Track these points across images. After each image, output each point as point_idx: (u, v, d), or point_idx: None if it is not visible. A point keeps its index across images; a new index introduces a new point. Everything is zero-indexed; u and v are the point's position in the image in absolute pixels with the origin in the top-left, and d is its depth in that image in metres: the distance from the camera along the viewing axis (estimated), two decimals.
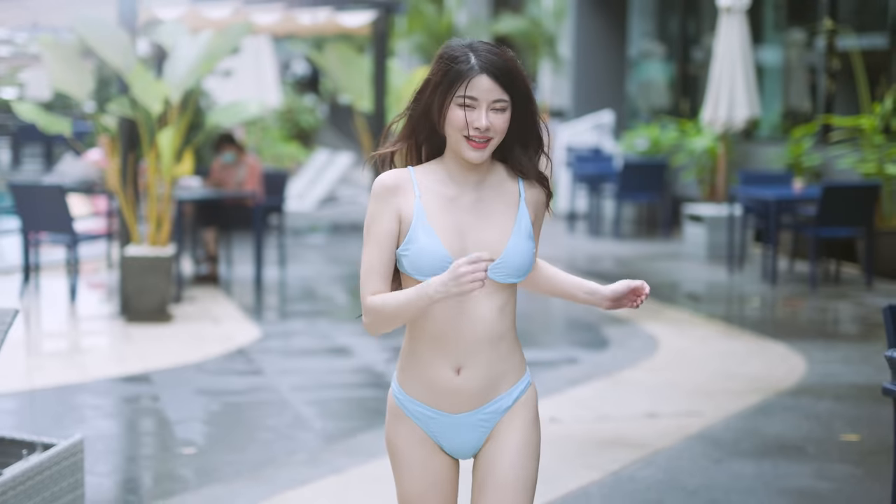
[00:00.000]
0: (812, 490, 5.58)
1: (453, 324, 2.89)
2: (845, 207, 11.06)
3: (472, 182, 2.93)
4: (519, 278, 2.93)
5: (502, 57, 2.85)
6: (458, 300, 2.87)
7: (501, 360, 2.95)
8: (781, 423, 6.69)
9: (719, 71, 13.23)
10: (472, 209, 2.92)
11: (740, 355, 8.50)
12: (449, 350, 2.91)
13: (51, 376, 7.61)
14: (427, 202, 2.89)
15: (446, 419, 2.96)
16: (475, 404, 2.95)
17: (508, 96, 2.83)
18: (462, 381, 2.92)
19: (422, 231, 2.86)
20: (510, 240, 2.91)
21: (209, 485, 5.62)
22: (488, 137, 2.84)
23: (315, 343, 8.91)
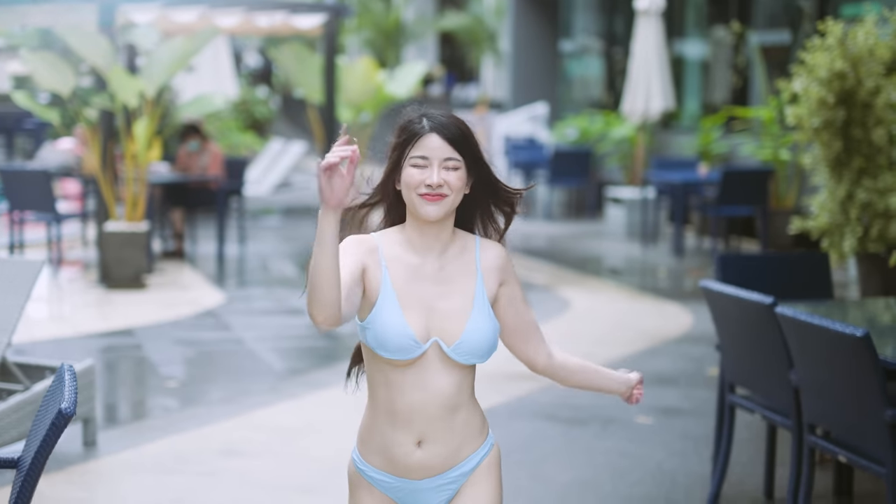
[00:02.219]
0: (675, 408, 7.00)
1: (411, 399, 2.89)
2: (743, 189, 12.50)
3: (436, 250, 2.93)
4: (481, 359, 2.92)
5: (453, 120, 2.89)
6: (417, 377, 2.88)
7: (461, 428, 2.95)
8: (662, 362, 8.12)
9: (637, 67, 14.67)
10: (435, 279, 2.92)
11: (639, 313, 9.93)
12: (408, 425, 2.91)
13: (45, 331, 8.87)
14: (393, 273, 2.89)
15: (409, 486, 2.96)
16: (437, 472, 2.96)
17: (460, 155, 2.86)
18: (423, 455, 2.93)
19: (388, 304, 2.86)
20: (468, 322, 2.90)
21: (190, 407, 6.98)
22: (442, 194, 2.85)
23: (273, 305, 10.26)
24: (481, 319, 2.91)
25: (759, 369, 5.11)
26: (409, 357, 2.86)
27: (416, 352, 2.86)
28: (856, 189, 9.69)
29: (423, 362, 2.89)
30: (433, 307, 2.89)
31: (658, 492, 5.59)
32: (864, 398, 4.30)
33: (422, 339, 2.87)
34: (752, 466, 5.91)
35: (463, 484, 2.99)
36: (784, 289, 5.81)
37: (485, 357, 2.91)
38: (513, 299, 3.00)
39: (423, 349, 2.87)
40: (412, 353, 2.86)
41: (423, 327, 2.88)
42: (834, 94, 9.66)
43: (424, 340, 2.88)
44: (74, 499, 5.33)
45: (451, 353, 2.88)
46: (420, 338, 2.87)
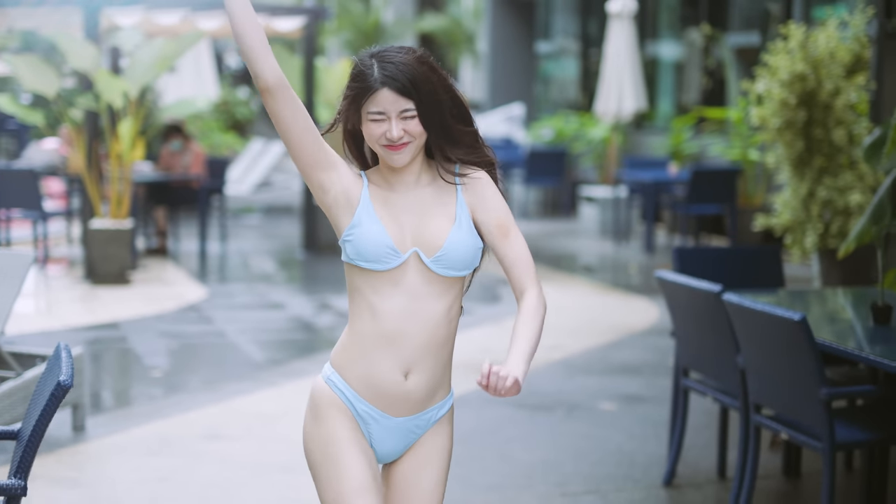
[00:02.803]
0: (638, 395, 7.34)
1: (404, 325, 2.89)
2: (712, 188, 12.86)
3: (409, 183, 2.96)
4: (462, 271, 2.92)
5: (406, 63, 2.86)
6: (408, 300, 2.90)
7: (442, 367, 2.97)
8: (627, 353, 8.46)
9: (609, 69, 15.01)
10: (411, 208, 2.95)
11: (608, 307, 10.27)
12: (399, 353, 2.91)
13: (33, 324, 9.15)
14: (373, 195, 2.94)
15: (388, 422, 2.96)
16: (416, 409, 2.96)
17: (414, 103, 2.86)
18: (409, 386, 2.92)
19: (367, 217, 2.90)
20: (450, 232, 2.92)
21: (174, 394, 7.29)
22: (405, 142, 2.88)
23: (254, 300, 10.56)
24: (462, 231, 2.92)
25: (708, 354, 5.45)
26: (388, 266, 2.89)
27: (394, 260, 2.89)
28: (817, 187, 10.06)
29: (406, 283, 2.90)
30: (413, 224, 2.92)
31: (617, 471, 5.92)
32: (801, 378, 4.63)
33: (401, 248, 2.90)
34: (708, 449, 6.24)
35: (427, 431, 3.00)
36: (738, 280, 6.16)
37: (465, 270, 2.92)
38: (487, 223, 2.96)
39: (401, 259, 2.89)
40: (390, 261, 2.88)
41: (402, 239, 2.91)
42: (795, 95, 10.04)
43: (404, 251, 2.90)
44: (64, 477, 5.63)
45: (432, 264, 2.89)
46: (399, 247, 2.90)
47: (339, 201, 2.93)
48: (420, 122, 2.87)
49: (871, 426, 4.89)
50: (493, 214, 2.95)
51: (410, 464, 3.02)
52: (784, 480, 5.84)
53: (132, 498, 5.40)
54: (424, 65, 2.88)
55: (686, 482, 5.79)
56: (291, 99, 2.86)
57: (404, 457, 3.02)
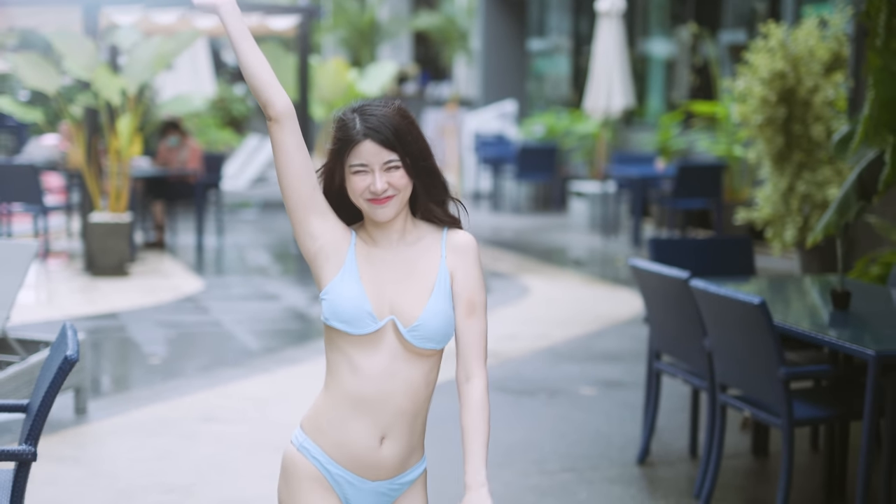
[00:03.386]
0: (618, 381, 7.64)
1: (387, 384, 2.83)
2: (697, 183, 13.15)
3: (393, 240, 2.90)
4: (438, 344, 2.85)
5: (387, 116, 2.83)
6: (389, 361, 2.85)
7: (418, 434, 2.92)
8: (609, 342, 8.76)
9: (598, 66, 15.30)
10: (393, 268, 2.88)
11: (594, 298, 10.57)
12: (377, 417, 2.85)
13: (34, 314, 9.43)
14: (359, 254, 2.89)
15: (363, 485, 2.90)
16: (389, 475, 2.90)
17: (397, 155, 2.82)
18: (384, 453, 2.87)
19: (349, 277, 2.85)
20: (427, 303, 2.84)
21: (172, 380, 7.58)
22: (389, 195, 2.82)
23: (249, 292, 10.86)
24: (440, 302, 2.85)
25: (678, 337, 5.74)
26: (363, 332, 2.82)
27: (370, 326, 2.82)
28: (796, 182, 10.36)
29: (386, 347, 2.84)
30: (393, 291, 2.85)
31: (594, 451, 6.21)
32: (762, 358, 4.93)
33: (378, 315, 2.84)
34: (681, 431, 6.54)
35: (401, 495, 2.94)
36: (710, 269, 6.46)
37: (441, 343, 2.85)
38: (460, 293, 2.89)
39: (378, 325, 2.82)
40: (367, 327, 2.82)
41: (381, 305, 2.84)
42: (776, 92, 10.34)
43: (381, 317, 2.84)
44: (67, 456, 5.92)
45: (408, 334, 2.82)
46: (377, 313, 2.83)
47: (325, 251, 2.87)
48: (405, 174, 2.83)
49: (828, 404, 5.18)
50: (468, 287, 2.88)
51: None
52: (752, 459, 6.13)
53: (132, 474, 5.69)
54: (404, 118, 2.85)
55: (659, 460, 6.09)
56: (297, 131, 2.85)
57: None
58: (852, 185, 6.72)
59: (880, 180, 6.43)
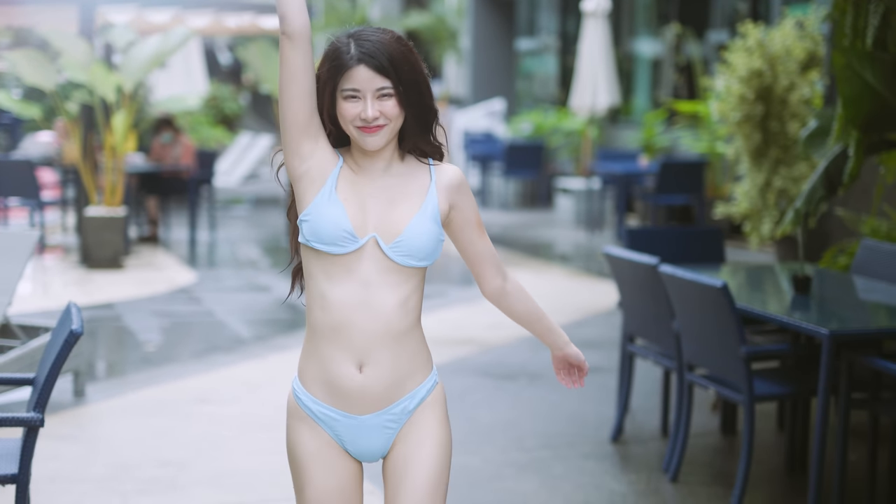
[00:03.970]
0: (597, 366, 7.93)
1: (353, 315, 2.79)
2: (679, 179, 13.46)
3: (379, 169, 2.86)
4: (419, 262, 2.81)
5: (384, 42, 2.77)
6: (360, 289, 2.80)
7: (407, 358, 2.85)
8: (589, 330, 9.06)
9: (584, 65, 15.61)
10: (379, 194, 2.84)
11: (576, 290, 10.87)
12: (350, 345, 2.80)
13: (31, 304, 9.70)
14: (342, 176, 2.84)
15: (351, 421, 2.85)
16: (380, 405, 2.84)
17: (391, 82, 2.76)
18: (365, 380, 2.82)
19: (328, 198, 2.80)
20: (412, 219, 2.81)
21: (167, 365, 7.88)
22: (379, 125, 2.78)
23: (241, 284, 11.15)
24: (425, 220, 2.83)
25: (649, 320, 6.04)
26: (343, 251, 2.79)
27: (350, 245, 2.79)
28: (773, 177, 10.68)
29: (361, 271, 2.80)
30: (376, 212, 2.83)
31: (570, 430, 6.51)
32: (725, 338, 5.23)
33: (359, 233, 2.80)
34: (655, 412, 6.84)
35: (406, 422, 2.88)
36: (682, 257, 6.75)
37: (424, 260, 2.81)
38: (465, 224, 2.95)
39: (358, 244, 2.79)
40: (346, 245, 2.79)
41: (363, 224, 2.81)
42: (753, 90, 10.66)
43: (362, 236, 2.80)
44: (67, 434, 6.21)
45: (389, 250, 2.79)
46: (357, 231, 2.80)
47: (310, 174, 2.83)
48: (398, 104, 2.79)
49: (788, 382, 5.49)
50: (473, 213, 2.94)
51: (397, 458, 2.90)
52: (721, 437, 6.44)
53: (129, 450, 5.98)
54: (402, 45, 2.79)
55: (632, 438, 6.39)
56: (308, 53, 2.79)
57: (392, 450, 2.91)
58: (819, 179, 7.03)
59: (845, 173, 6.74)
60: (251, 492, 5.41)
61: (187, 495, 5.36)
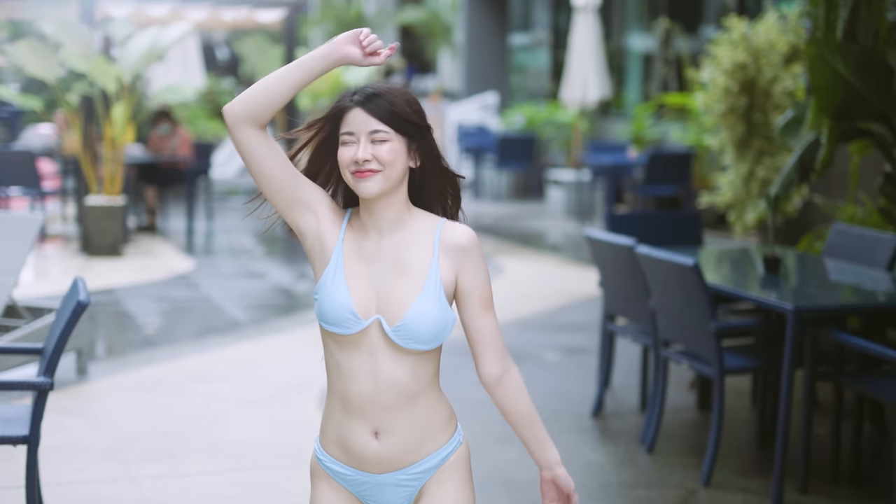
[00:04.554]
0: (581, 348, 8.22)
1: (365, 386, 2.73)
2: (667, 171, 13.74)
3: (385, 229, 2.76)
4: (424, 345, 2.70)
5: (387, 93, 2.72)
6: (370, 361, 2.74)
7: (423, 422, 2.78)
8: (575, 314, 9.34)
9: (574, 59, 15.90)
10: (385, 259, 2.75)
11: (564, 277, 11.16)
12: (363, 414, 2.75)
13: (33, 290, 9.98)
14: (346, 247, 2.77)
15: (369, 479, 2.80)
16: (398, 466, 2.79)
17: (388, 127, 2.70)
18: (381, 447, 2.77)
19: (333, 279, 2.73)
20: (413, 303, 2.70)
21: (166, 346, 8.16)
22: (372, 169, 2.70)
23: (238, 271, 11.44)
24: (428, 303, 2.70)
25: (627, 299, 6.32)
26: (349, 332, 2.73)
27: (354, 327, 2.72)
28: (756, 167, 10.95)
29: (370, 345, 2.74)
30: (381, 287, 2.73)
31: (553, 406, 6.80)
32: (696, 314, 5.51)
33: (363, 315, 2.73)
34: (635, 389, 7.12)
35: (427, 482, 2.82)
36: (661, 240, 7.02)
37: (429, 344, 2.71)
38: (468, 295, 2.78)
39: (362, 325, 2.72)
40: (351, 327, 2.72)
41: (367, 304, 2.73)
42: (737, 82, 10.94)
43: (366, 317, 2.73)
44: (71, 409, 6.49)
45: (392, 334, 2.70)
46: (361, 313, 2.72)
47: (314, 249, 2.78)
48: (395, 150, 2.71)
49: (757, 357, 5.78)
50: (479, 285, 2.77)
51: None
52: (697, 413, 6.72)
53: (130, 424, 6.26)
54: (406, 98, 2.74)
55: (611, 414, 6.68)
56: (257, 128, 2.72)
57: None
58: (794, 166, 7.31)
59: (817, 160, 7.03)
60: (245, 460, 5.69)
61: (185, 463, 5.64)
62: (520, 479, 5.57)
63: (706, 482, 5.48)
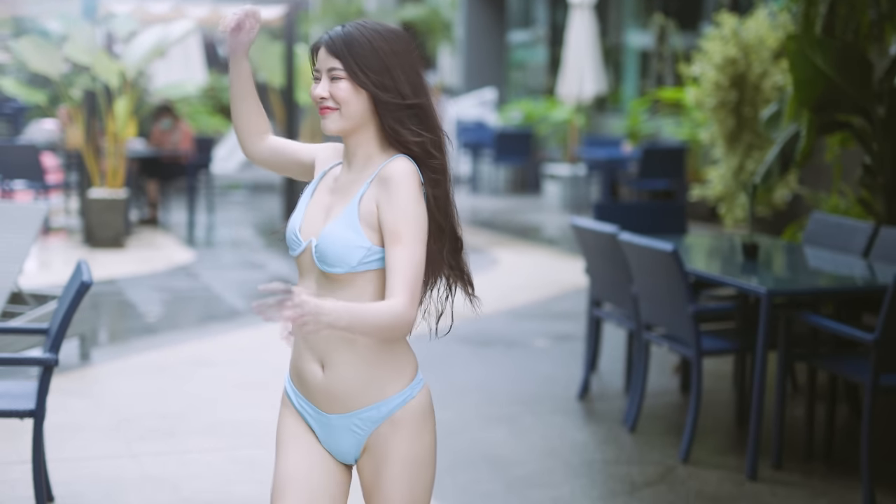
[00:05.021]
0: (570, 334, 8.45)
1: None
2: (661, 165, 13.97)
3: (356, 165, 2.81)
4: (333, 268, 2.71)
5: (353, 28, 2.73)
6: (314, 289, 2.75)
7: (367, 364, 2.75)
8: (566, 303, 9.57)
9: (571, 55, 16.12)
10: (343, 190, 2.80)
11: (557, 269, 11.39)
12: (310, 343, 2.77)
13: (37, 280, 10.20)
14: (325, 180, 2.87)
15: (321, 417, 2.82)
16: (346, 408, 2.78)
17: (342, 64, 2.70)
18: (326, 380, 2.78)
19: (302, 201, 2.86)
20: (327, 225, 2.75)
21: (167, 332, 8.40)
22: (328, 107, 2.74)
23: (237, 262, 11.67)
24: (339, 225, 2.73)
25: (611, 285, 6.55)
26: (294, 253, 2.81)
27: (296, 248, 2.80)
28: (746, 160, 11.17)
29: (309, 269, 2.79)
30: (328, 213, 2.79)
31: (541, 389, 7.03)
32: (675, 298, 5.73)
33: (304, 236, 2.80)
34: (621, 374, 7.35)
35: (375, 433, 2.80)
36: (647, 229, 7.24)
37: (335, 267, 2.70)
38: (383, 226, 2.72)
39: (302, 247, 2.79)
40: (295, 248, 2.80)
41: (313, 229, 2.79)
42: (727, 77, 11.15)
43: (305, 238, 2.80)
44: (75, 391, 6.72)
45: (313, 254, 2.75)
46: (303, 235, 2.80)
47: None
48: (351, 87, 2.73)
49: (734, 339, 6.01)
50: (389, 218, 2.69)
51: (367, 470, 2.85)
52: (680, 396, 6.95)
53: (131, 405, 6.49)
54: (373, 33, 2.73)
55: (597, 396, 6.91)
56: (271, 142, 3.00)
57: (362, 459, 2.85)
58: (776, 157, 7.53)
59: (797, 151, 7.25)
60: (244, 439, 5.92)
61: (184, 442, 5.87)
62: (505, 458, 5.79)
63: (684, 459, 5.70)
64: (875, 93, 7.13)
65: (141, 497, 5.11)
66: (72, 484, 5.18)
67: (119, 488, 5.20)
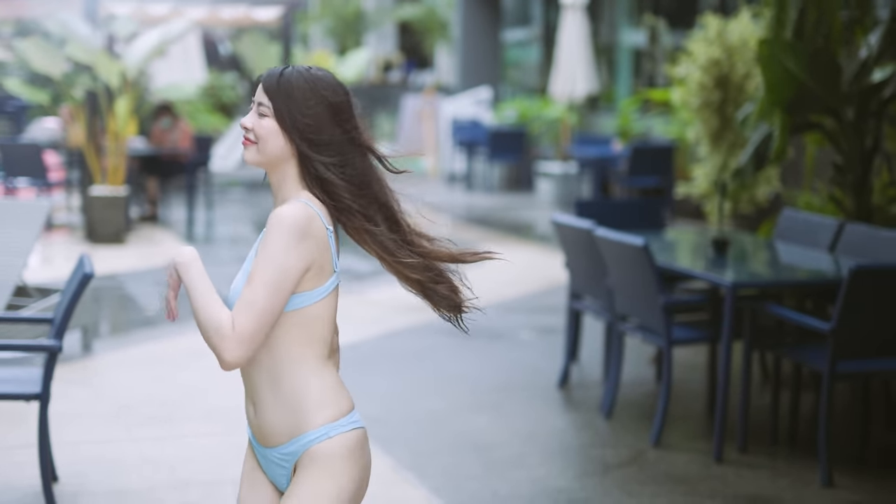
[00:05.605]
0: (556, 327, 8.76)
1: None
2: (650, 163, 14.28)
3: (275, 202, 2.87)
4: None
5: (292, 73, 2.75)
6: None
7: (289, 401, 2.77)
8: (553, 298, 9.88)
9: (563, 55, 16.43)
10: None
11: (546, 264, 11.70)
12: (246, 385, 2.84)
13: (39, 275, 10.51)
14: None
15: (260, 450, 2.88)
16: (272, 442, 2.82)
17: (270, 102, 2.73)
18: (257, 419, 2.83)
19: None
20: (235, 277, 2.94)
21: (166, 324, 8.71)
22: (248, 139, 2.77)
23: (236, 257, 11.98)
24: (240, 278, 2.89)
25: (589, 278, 6.86)
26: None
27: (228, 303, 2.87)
28: (730, 159, 11.46)
29: None
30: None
31: (523, 379, 7.35)
32: (647, 290, 6.05)
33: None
34: (601, 364, 7.66)
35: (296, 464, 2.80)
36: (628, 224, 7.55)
37: None
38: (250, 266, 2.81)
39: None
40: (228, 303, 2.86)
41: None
42: (712, 78, 11.45)
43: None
44: (76, 380, 7.04)
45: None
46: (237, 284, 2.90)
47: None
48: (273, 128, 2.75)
49: (703, 330, 6.32)
50: (258, 260, 2.74)
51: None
52: (655, 385, 7.26)
53: (131, 393, 6.81)
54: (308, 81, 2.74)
55: (577, 385, 7.23)
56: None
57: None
58: (750, 156, 7.85)
59: (770, 150, 7.56)
60: (238, 425, 6.23)
61: (181, 427, 6.20)
62: (488, 443, 6.11)
63: (655, 443, 6.02)
64: (844, 95, 7.44)
65: (140, 477, 5.44)
66: (75, 465, 5.51)
67: (120, 469, 5.52)
